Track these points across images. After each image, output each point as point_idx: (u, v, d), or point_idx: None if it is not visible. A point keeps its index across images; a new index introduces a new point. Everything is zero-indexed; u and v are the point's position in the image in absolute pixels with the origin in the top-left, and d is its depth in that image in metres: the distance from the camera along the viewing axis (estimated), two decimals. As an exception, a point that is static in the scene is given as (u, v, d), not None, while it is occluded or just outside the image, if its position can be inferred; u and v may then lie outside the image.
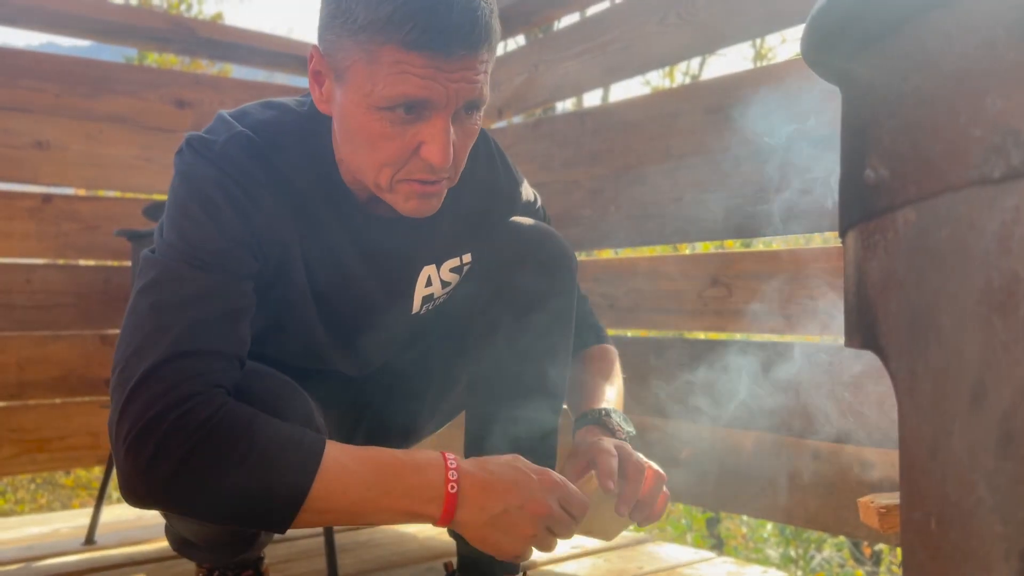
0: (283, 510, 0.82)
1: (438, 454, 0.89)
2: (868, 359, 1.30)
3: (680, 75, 7.02)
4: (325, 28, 0.89)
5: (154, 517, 1.89)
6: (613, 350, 1.27)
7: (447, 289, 1.16)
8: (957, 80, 0.46)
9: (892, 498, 0.61)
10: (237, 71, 5.38)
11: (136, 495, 0.81)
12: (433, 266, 1.13)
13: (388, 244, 1.07)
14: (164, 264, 0.88)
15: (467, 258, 1.16)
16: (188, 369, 0.82)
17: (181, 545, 1.12)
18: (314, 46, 0.93)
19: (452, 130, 0.90)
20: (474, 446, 1.15)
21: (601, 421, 1.11)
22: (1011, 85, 0.43)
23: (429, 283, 1.13)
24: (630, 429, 1.12)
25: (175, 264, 0.88)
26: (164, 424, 0.79)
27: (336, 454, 0.85)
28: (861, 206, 0.55)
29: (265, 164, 0.95)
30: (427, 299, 1.15)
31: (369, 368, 1.23)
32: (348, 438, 1.33)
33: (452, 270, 1.15)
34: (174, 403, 0.80)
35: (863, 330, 0.55)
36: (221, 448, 0.79)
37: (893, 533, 0.62)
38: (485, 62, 0.89)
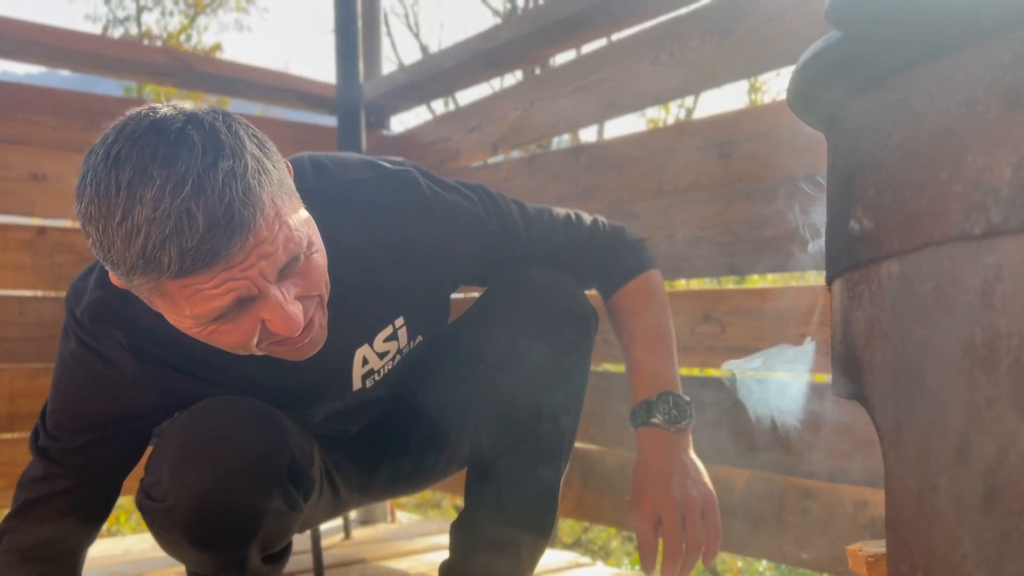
0: None
1: None
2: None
3: (675, 106, 7.09)
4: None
5: (143, 552, 1.87)
6: (644, 282, 1.24)
7: (387, 358, 1.15)
8: (939, 136, 0.47)
9: (880, 546, 0.61)
10: (235, 103, 5.42)
11: None
12: (366, 345, 1.12)
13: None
14: (33, 436, 1.08)
15: (399, 322, 1.13)
16: (12, 539, 1.07)
17: None
18: None
19: (286, 291, 0.85)
20: (479, 478, 1.16)
21: (649, 422, 1.14)
22: (991, 143, 0.44)
23: (366, 362, 1.13)
24: (680, 423, 1.15)
25: (36, 443, 1.07)
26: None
27: None
28: (847, 255, 0.56)
29: (129, 324, 0.98)
30: (367, 375, 1.14)
31: (353, 428, 1.25)
32: (368, 484, 1.34)
33: (386, 340, 1.13)
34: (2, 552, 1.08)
35: (849, 379, 0.55)
36: None
37: (882, 582, 0.61)
38: (271, 227, 0.81)
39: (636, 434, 1.18)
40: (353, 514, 2.20)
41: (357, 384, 1.14)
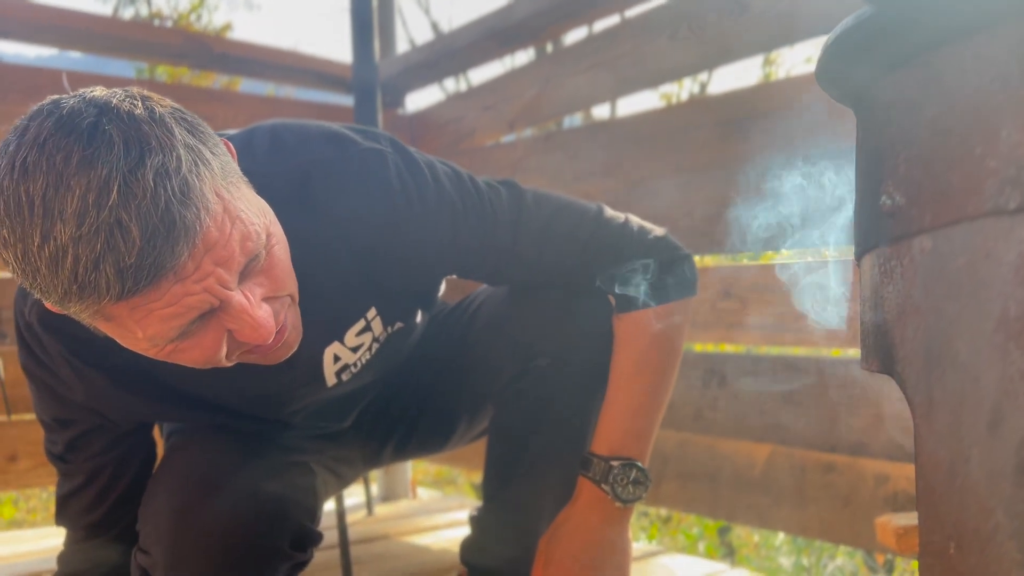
0: None
1: None
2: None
3: (688, 81, 7.03)
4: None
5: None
6: (654, 318, 1.04)
7: (361, 350, 1.05)
8: (973, 112, 0.47)
9: (909, 518, 0.62)
10: (245, 83, 5.42)
11: None
12: (335, 342, 1.01)
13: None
14: (44, 441, 1.07)
15: (371, 313, 1.02)
16: (67, 535, 1.12)
17: None
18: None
19: (250, 295, 0.75)
20: (497, 475, 1.17)
21: (599, 485, 1.02)
22: (1026, 119, 0.44)
23: (337, 359, 1.03)
24: (628, 502, 1.01)
25: (46, 448, 1.08)
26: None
27: None
28: (877, 231, 0.56)
29: (70, 325, 0.85)
30: (342, 370, 1.05)
31: (345, 420, 1.22)
32: (374, 463, 1.36)
33: (359, 333, 1.03)
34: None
35: (880, 354, 0.56)
36: None
37: (911, 553, 0.62)
38: (221, 226, 0.70)
39: (580, 481, 1.04)
40: (375, 491, 2.23)
41: (331, 381, 1.05)
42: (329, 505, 1.40)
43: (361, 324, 1.02)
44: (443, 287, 1.16)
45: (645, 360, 1.04)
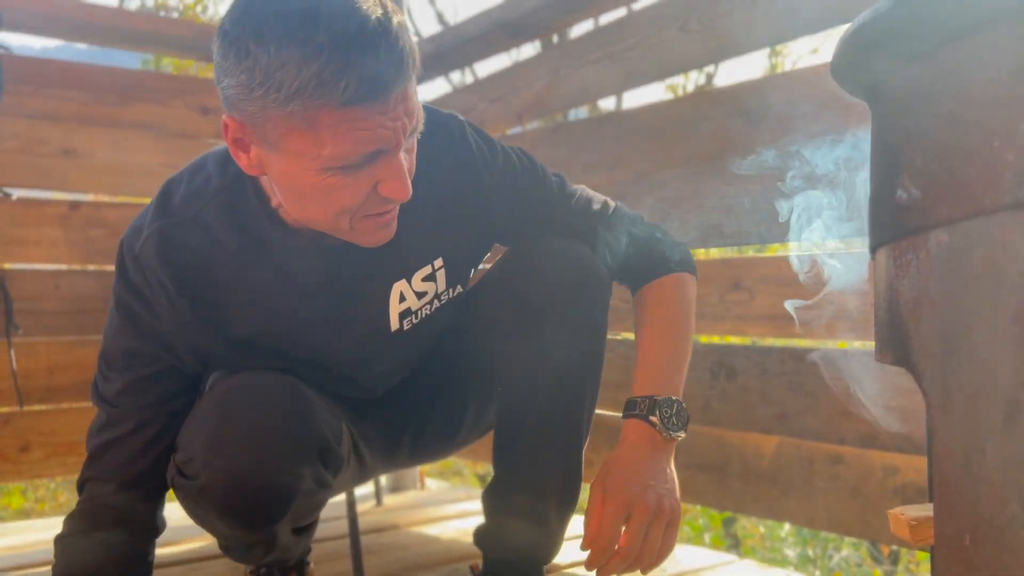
0: None
1: None
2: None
3: (694, 73, 7.01)
4: (241, 99, 0.85)
5: (180, 519, 1.91)
6: (674, 284, 1.18)
7: (425, 299, 1.15)
8: (990, 106, 0.47)
9: (922, 510, 0.62)
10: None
11: None
12: (403, 281, 1.12)
13: (346, 272, 1.07)
14: (93, 385, 1.12)
15: (439, 263, 1.13)
16: (93, 487, 1.11)
17: (223, 547, 1.18)
18: (228, 116, 0.89)
19: (403, 158, 0.90)
20: (505, 444, 1.19)
21: (647, 418, 1.08)
22: (1044, 113, 0.44)
23: (403, 299, 1.13)
24: (675, 432, 1.08)
25: (96, 390, 1.11)
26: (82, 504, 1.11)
27: None
28: (892, 224, 0.56)
29: (182, 254, 1.01)
30: (404, 314, 1.14)
31: (384, 387, 1.25)
32: (392, 454, 1.36)
33: (424, 279, 1.13)
34: (85, 500, 1.11)
35: (895, 347, 0.56)
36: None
37: (924, 545, 0.63)
38: (412, 87, 0.88)
39: (626, 424, 1.11)
40: (384, 481, 2.24)
41: (395, 324, 1.13)
42: (339, 496, 1.41)
43: (428, 270, 1.13)
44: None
45: (672, 318, 1.17)
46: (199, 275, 1.03)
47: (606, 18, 2.18)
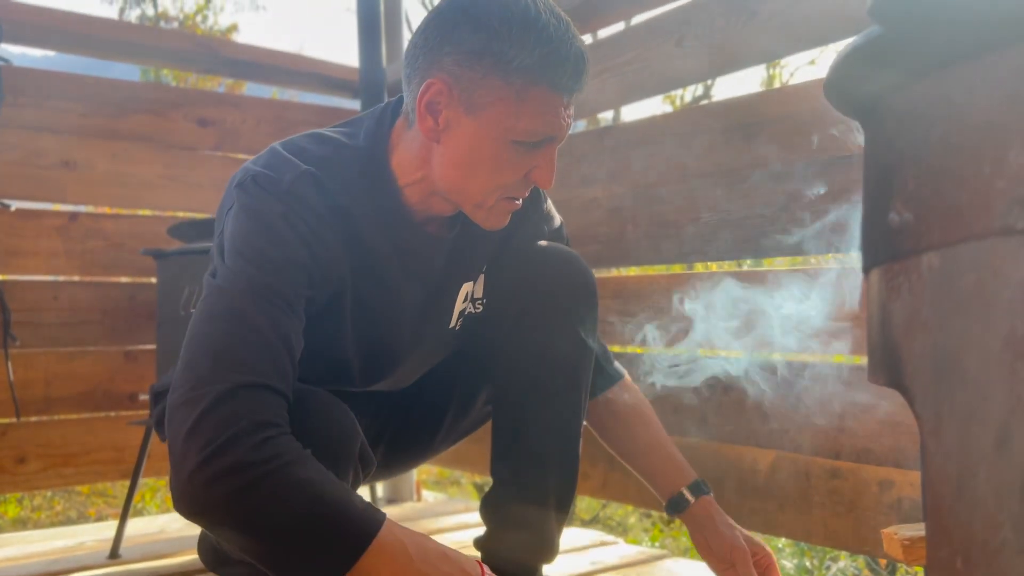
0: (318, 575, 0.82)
1: (476, 563, 0.91)
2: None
3: (692, 87, 7.03)
4: (464, 63, 0.95)
5: (178, 531, 1.91)
6: (634, 384, 1.35)
7: (476, 305, 1.23)
8: (982, 131, 0.48)
9: (915, 529, 0.62)
10: (249, 85, 5.43)
11: (189, 505, 0.82)
12: (470, 283, 1.20)
13: (438, 262, 1.13)
14: (231, 295, 0.91)
15: (481, 277, 1.23)
16: (255, 400, 0.84)
17: (216, 563, 1.15)
18: (435, 79, 0.96)
19: None
20: (502, 453, 1.21)
21: (709, 493, 1.27)
22: (1034, 140, 0.45)
23: (466, 298, 1.21)
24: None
25: (240, 296, 0.91)
26: (238, 449, 0.80)
27: (387, 540, 0.83)
28: (885, 247, 0.57)
29: (329, 201, 1.01)
30: (461, 314, 1.21)
31: (404, 384, 1.27)
32: (371, 448, 1.36)
33: (476, 283, 1.22)
34: (246, 431, 0.81)
35: (887, 369, 0.56)
36: (278, 495, 0.80)
37: (917, 564, 0.63)
38: None
39: (697, 504, 1.26)
40: (380, 493, 2.24)
41: (452, 321, 1.21)
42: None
43: (481, 276, 1.23)
44: None
45: (655, 418, 1.35)
46: (345, 220, 1.03)
47: (604, 32, 2.19)
